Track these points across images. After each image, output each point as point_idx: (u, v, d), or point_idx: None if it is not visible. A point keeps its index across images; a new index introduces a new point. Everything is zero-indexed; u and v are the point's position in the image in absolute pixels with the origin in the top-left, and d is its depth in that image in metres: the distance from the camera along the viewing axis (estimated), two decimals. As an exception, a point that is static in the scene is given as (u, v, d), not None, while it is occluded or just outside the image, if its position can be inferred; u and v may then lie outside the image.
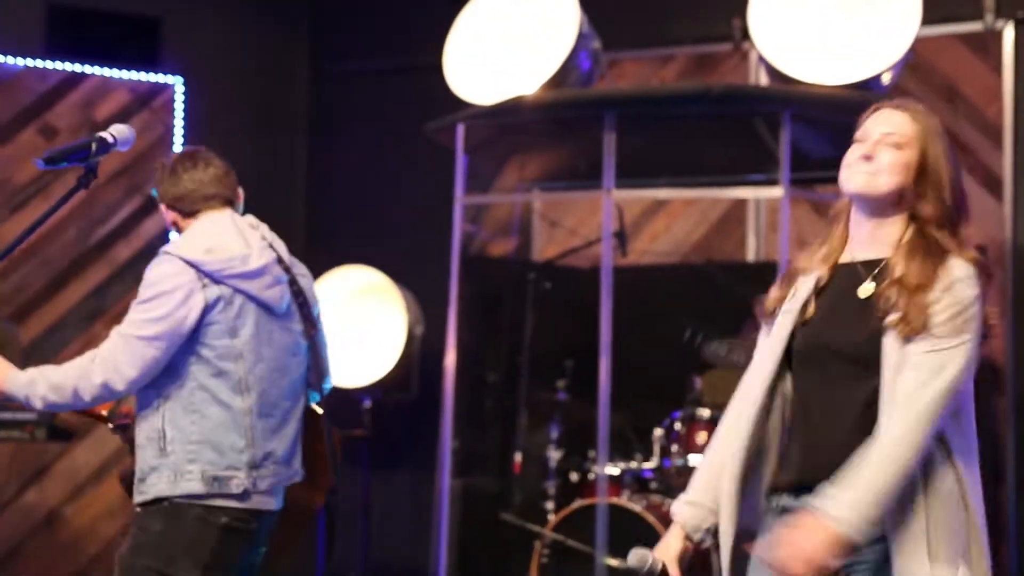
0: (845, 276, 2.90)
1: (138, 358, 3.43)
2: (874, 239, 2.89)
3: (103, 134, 3.35)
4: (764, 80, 6.36)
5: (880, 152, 2.83)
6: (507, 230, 7.64)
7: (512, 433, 6.90)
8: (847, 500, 2.66)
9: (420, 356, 7.32)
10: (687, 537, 2.99)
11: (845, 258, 2.93)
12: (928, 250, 2.80)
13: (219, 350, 3.44)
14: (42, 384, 3.45)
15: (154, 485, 3.44)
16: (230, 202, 3.72)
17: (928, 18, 6.05)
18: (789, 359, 2.92)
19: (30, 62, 7.91)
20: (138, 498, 3.49)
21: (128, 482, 3.57)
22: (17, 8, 7.92)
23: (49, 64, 7.96)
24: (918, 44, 6.02)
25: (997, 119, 7.16)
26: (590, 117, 5.98)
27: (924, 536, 2.74)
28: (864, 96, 5.78)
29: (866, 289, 2.84)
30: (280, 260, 3.65)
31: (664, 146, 6.37)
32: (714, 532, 3.01)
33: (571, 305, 6.69)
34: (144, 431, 3.49)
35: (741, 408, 3.01)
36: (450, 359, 6.30)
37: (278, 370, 3.51)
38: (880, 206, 2.86)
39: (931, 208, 2.83)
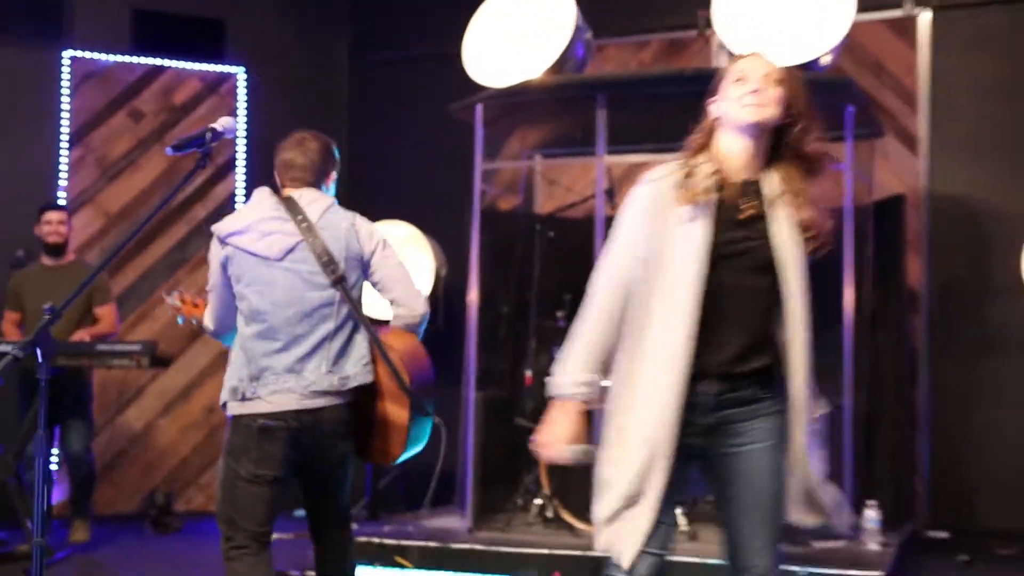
0: (744, 190, 2.86)
1: (208, 307, 3.79)
2: (746, 161, 2.88)
3: (214, 125, 3.37)
4: (724, 62, 6.20)
5: (767, 88, 2.85)
6: (514, 188, 7.60)
7: (523, 354, 6.81)
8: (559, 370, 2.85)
9: (445, 293, 7.38)
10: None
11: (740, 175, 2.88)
12: (792, 170, 2.89)
13: (238, 294, 3.65)
14: None
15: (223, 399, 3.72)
16: (278, 184, 3.88)
17: (860, 6, 6.02)
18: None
19: (119, 58, 7.99)
20: None
21: None
22: (107, 14, 7.97)
23: (134, 59, 8.04)
24: (851, 28, 5.96)
25: (914, 89, 7.22)
26: (585, 96, 5.97)
27: None
28: (807, 76, 5.84)
29: (753, 206, 2.85)
30: (302, 219, 3.66)
31: (644, 118, 6.29)
32: None
33: (569, 250, 6.61)
34: None
35: (666, 301, 2.81)
36: (472, 295, 6.28)
37: (285, 303, 3.57)
38: (760, 133, 2.86)
39: (800, 130, 2.87)
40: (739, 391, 2.86)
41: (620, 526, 2.85)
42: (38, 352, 2.98)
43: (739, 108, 2.84)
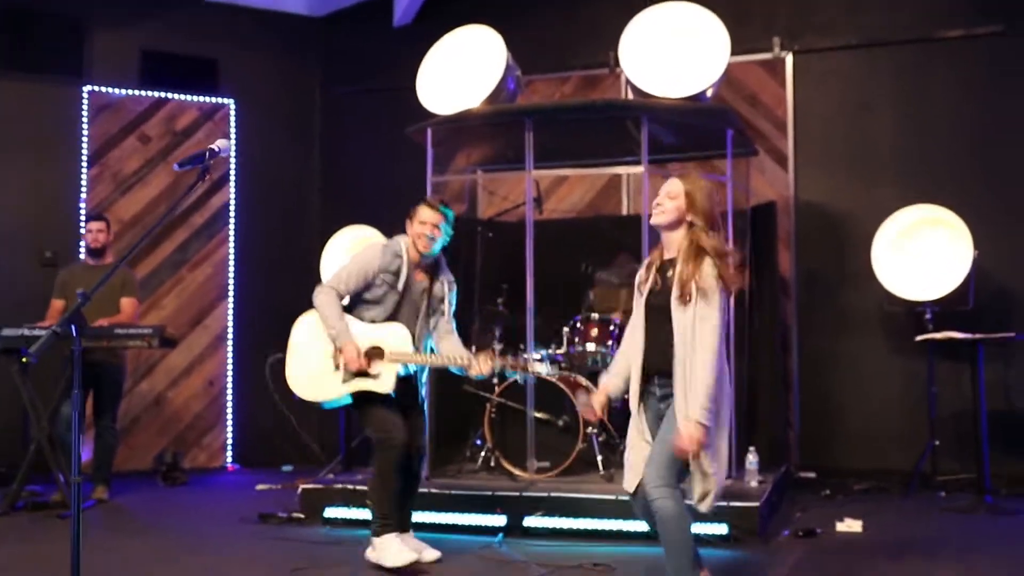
0: (663, 267, 3.62)
1: (347, 284, 4.79)
2: (669, 246, 3.63)
3: (213, 146, 3.34)
4: (630, 94, 6.33)
5: (663, 202, 3.61)
6: (459, 198, 7.61)
7: (469, 333, 6.70)
8: (695, 405, 3.42)
9: (404, 284, 7.44)
10: (609, 398, 3.80)
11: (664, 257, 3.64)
12: (696, 251, 3.50)
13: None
14: None
15: None
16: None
17: (736, 50, 6.12)
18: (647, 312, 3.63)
19: (129, 91, 7.96)
20: None
21: None
22: (119, 54, 7.93)
23: (142, 92, 8.01)
24: (730, 67, 6.07)
25: (783, 117, 7.35)
26: (516, 121, 5.99)
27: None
28: (695, 105, 5.88)
29: (669, 274, 3.58)
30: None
31: (565, 139, 6.37)
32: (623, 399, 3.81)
33: (506, 247, 6.61)
34: None
35: (634, 336, 3.67)
36: None
37: None
38: (669, 228, 3.61)
39: (698, 224, 3.55)
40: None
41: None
42: (73, 328, 3.05)
43: (652, 215, 3.64)
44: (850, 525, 5.32)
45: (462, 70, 6.33)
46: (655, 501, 3.49)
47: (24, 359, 5.85)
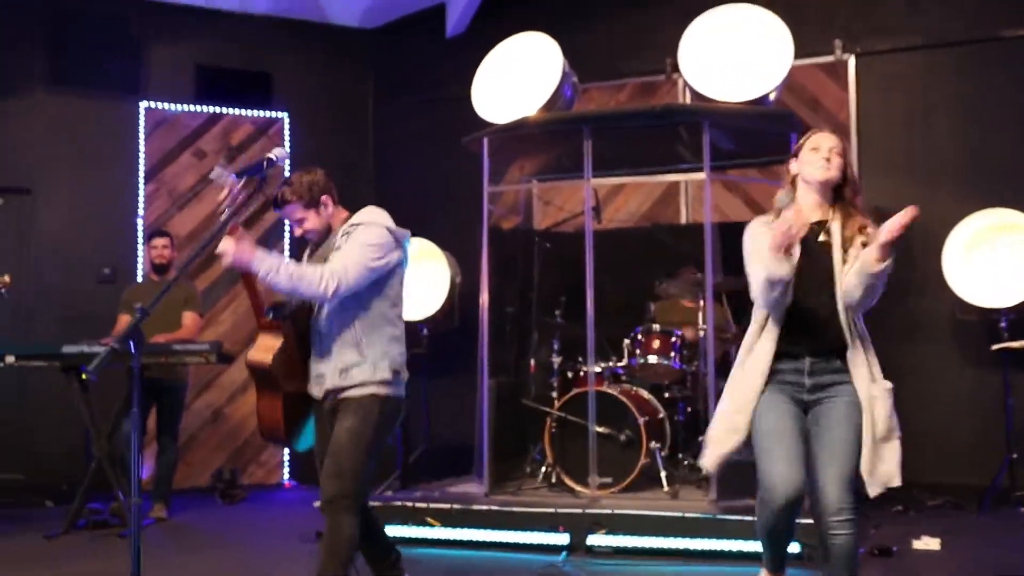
0: (812, 231, 3.28)
1: (354, 276, 3.64)
2: (817, 207, 3.30)
3: (270, 155, 3.34)
4: (689, 100, 6.27)
5: (833, 157, 3.27)
6: (515, 209, 7.52)
7: (527, 347, 6.82)
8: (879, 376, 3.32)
9: (460, 298, 7.31)
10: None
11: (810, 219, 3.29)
12: (850, 213, 3.27)
13: (393, 284, 3.76)
14: (283, 269, 3.49)
15: None
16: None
17: (798, 54, 6.00)
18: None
19: (185, 107, 8.00)
20: None
21: None
22: (174, 71, 7.98)
23: (198, 108, 8.04)
24: (791, 71, 5.95)
25: (846, 121, 7.16)
26: (573, 129, 5.92)
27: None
28: (757, 109, 5.78)
29: (823, 236, 3.28)
30: None
31: (622, 147, 6.25)
32: None
33: (563, 258, 6.55)
34: None
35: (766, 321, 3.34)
36: (483, 298, 6.22)
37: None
38: (826, 189, 3.29)
39: (850, 189, 3.29)
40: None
41: None
42: (131, 344, 2.99)
43: (812, 169, 3.27)
44: (927, 543, 5.12)
45: (518, 78, 6.27)
46: (850, 534, 3.12)
47: (84, 376, 5.92)
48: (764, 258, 3.13)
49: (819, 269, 3.23)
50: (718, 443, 3.34)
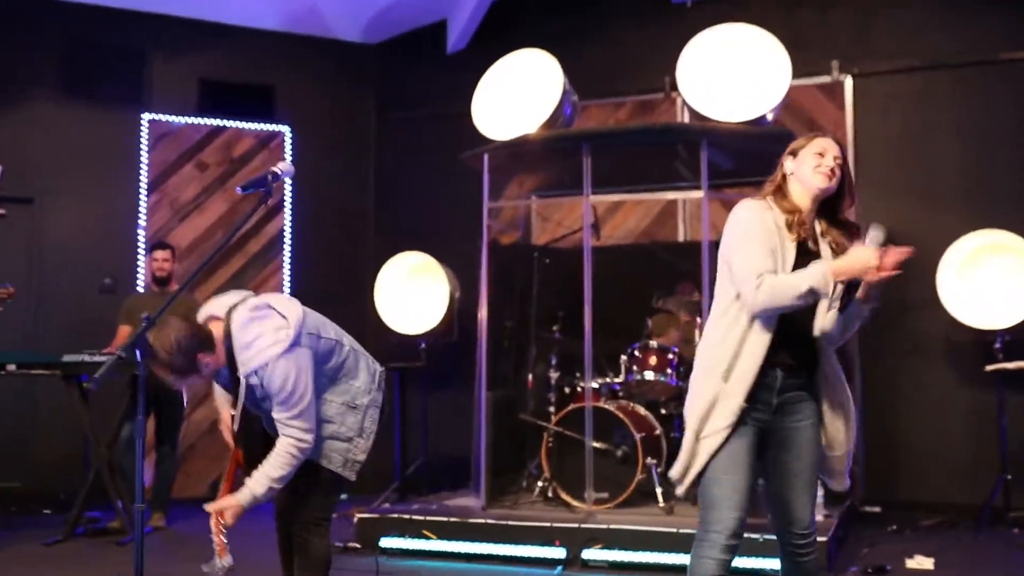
0: (804, 240, 3.01)
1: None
2: (809, 215, 3.04)
3: (275, 169, 3.30)
4: (687, 118, 6.30)
5: (836, 168, 3.02)
6: (515, 224, 7.56)
7: (525, 361, 6.83)
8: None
9: (459, 312, 7.36)
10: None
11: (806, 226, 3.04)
12: (837, 225, 3.06)
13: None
14: (263, 487, 3.31)
15: None
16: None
17: (796, 74, 6.05)
18: None
19: (187, 119, 8.04)
20: None
21: None
22: (178, 83, 8.02)
23: (200, 120, 8.08)
24: (789, 91, 5.98)
25: (843, 140, 7.17)
26: (572, 147, 5.94)
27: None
28: (756, 129, 5.80)
29: (812, 245, 3.01)
30: None
31: (621, 164, 6.30)
32: None
33: (562, 274, 6.58)
34: None
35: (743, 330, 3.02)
36: (482, 313, 6.24)
37: None
38: (821, 195, 3.03)
39: (846, 202, 3.08)
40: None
41: None
42: (137, 353, 3.03)
43: (816, 177, 3.00)
44: (921, 562, 5.14)
45: (518, 95, 6.30)
46: (813, 556, 3.07)
47: (85, 385, 5.96)
48: (811, 275, 2.86)
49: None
50: (694, 461, 2.98)
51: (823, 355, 3.06)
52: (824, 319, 2.98)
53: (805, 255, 2.97)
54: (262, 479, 3.28)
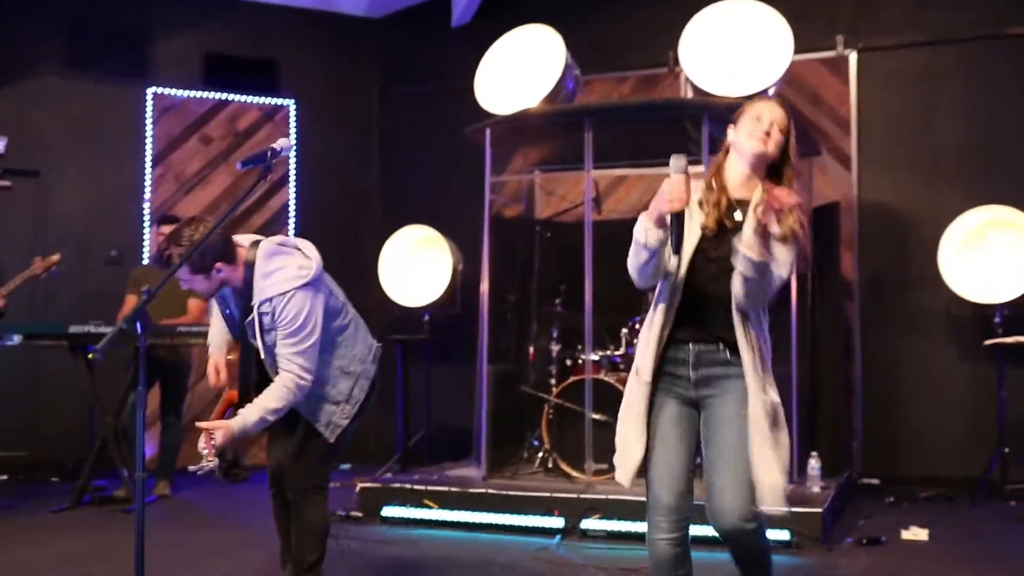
0: (728, 208, 2.85)
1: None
2: (744, 182, 2.88)
3: (274, 145, 3.27)
4: (690, 93, 6.26)
5: (774, 133, 2.85)
6: (517, 198, 7.58)
7: (526, 334, 6.86)
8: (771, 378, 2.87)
9: (462, 285, 7.36)
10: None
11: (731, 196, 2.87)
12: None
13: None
14: (256, 417, 3.38)
15: None
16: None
17: (799, 48, 6.05)
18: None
19: (192, 93, 8.05)
20: None
21: None
22: (182, 56, 8.03)
23: (204, 94, 8.10)
24: (792, 66, 5.98)
25: (846, 115, 7.18)
26: (575, 121, 5.94)
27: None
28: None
29: (739, 215, 2.84)
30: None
31: (623, 139, 6.29)
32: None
33: (563, 248, 6.60)
34: None
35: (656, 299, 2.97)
36: (484, 286, 6.27)
37: None
38: (759, 165, 2.87)
39: (788, 168, 2.88)
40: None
41: None
42: (137, 325, 3.07)
43: (750, 142, 2.85)
44: (916, 534, 5.20)
45: (521, 70, 6.32)
46: (756, 538, 2.83)
47: (90, 355, 6.02)
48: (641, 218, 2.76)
49: (723, 252, 2.81)
50: (626, 454, 2.92)
51: (743, 326, 2.82)
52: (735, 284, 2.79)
53: (720, 231, 2.83)
54: (257, 409, 3.38)
